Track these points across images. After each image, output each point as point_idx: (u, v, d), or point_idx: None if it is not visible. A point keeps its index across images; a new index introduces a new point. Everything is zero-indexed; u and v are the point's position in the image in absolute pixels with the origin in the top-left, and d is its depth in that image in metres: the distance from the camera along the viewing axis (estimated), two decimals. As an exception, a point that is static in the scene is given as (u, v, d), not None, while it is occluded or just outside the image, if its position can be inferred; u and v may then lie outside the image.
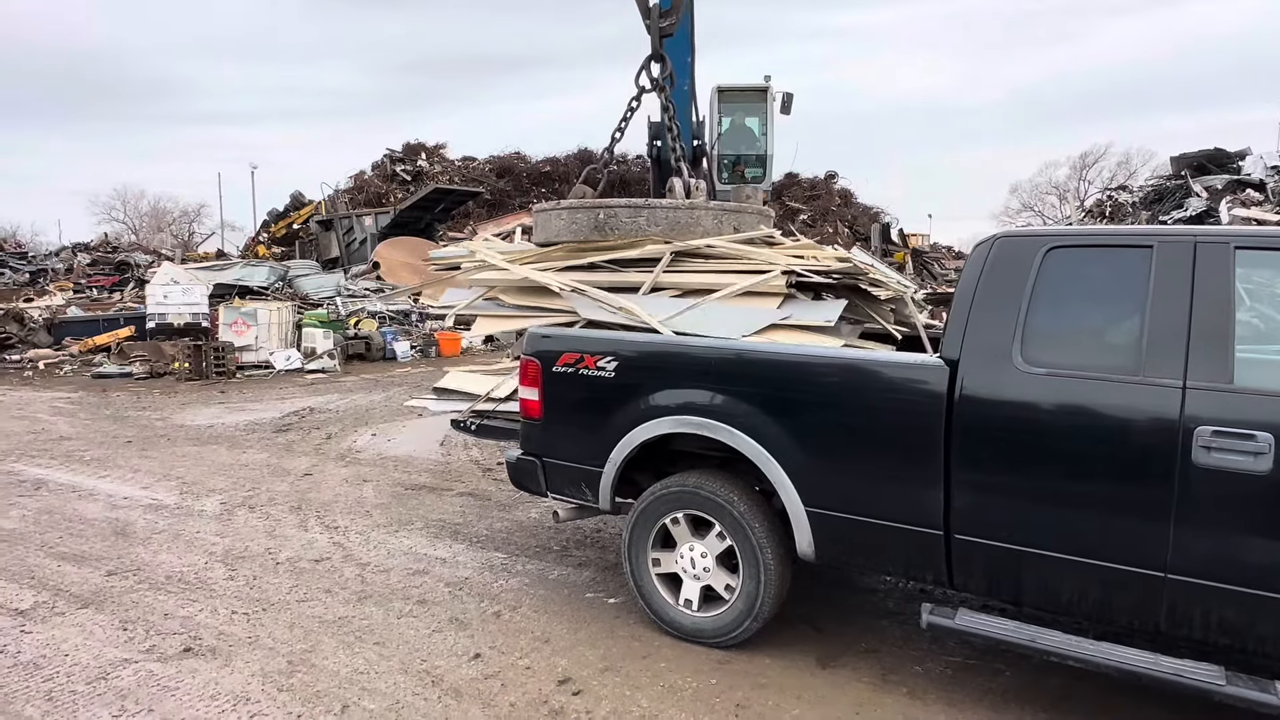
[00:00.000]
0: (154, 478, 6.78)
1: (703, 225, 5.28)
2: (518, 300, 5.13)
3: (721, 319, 4.24)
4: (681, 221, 5.24)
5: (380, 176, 30.93)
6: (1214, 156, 17.74)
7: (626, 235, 5.17)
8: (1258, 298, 3.03)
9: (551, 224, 5.59)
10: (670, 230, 5.20)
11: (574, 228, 5.40)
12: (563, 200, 5.61)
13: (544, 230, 5.68)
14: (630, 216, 5.28)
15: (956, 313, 3.16)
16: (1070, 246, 3.02)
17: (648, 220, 5.25)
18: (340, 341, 14.38)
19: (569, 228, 5.45)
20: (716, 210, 5.41)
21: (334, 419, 9.46)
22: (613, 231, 5.23)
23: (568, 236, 5.41)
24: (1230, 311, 2.70)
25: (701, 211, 5.34)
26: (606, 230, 5.27)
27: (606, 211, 5.35)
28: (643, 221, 5.25)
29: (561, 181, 32.38)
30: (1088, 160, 46.58)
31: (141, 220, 55.02)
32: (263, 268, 18.19)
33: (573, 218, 5.45)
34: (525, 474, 4.18)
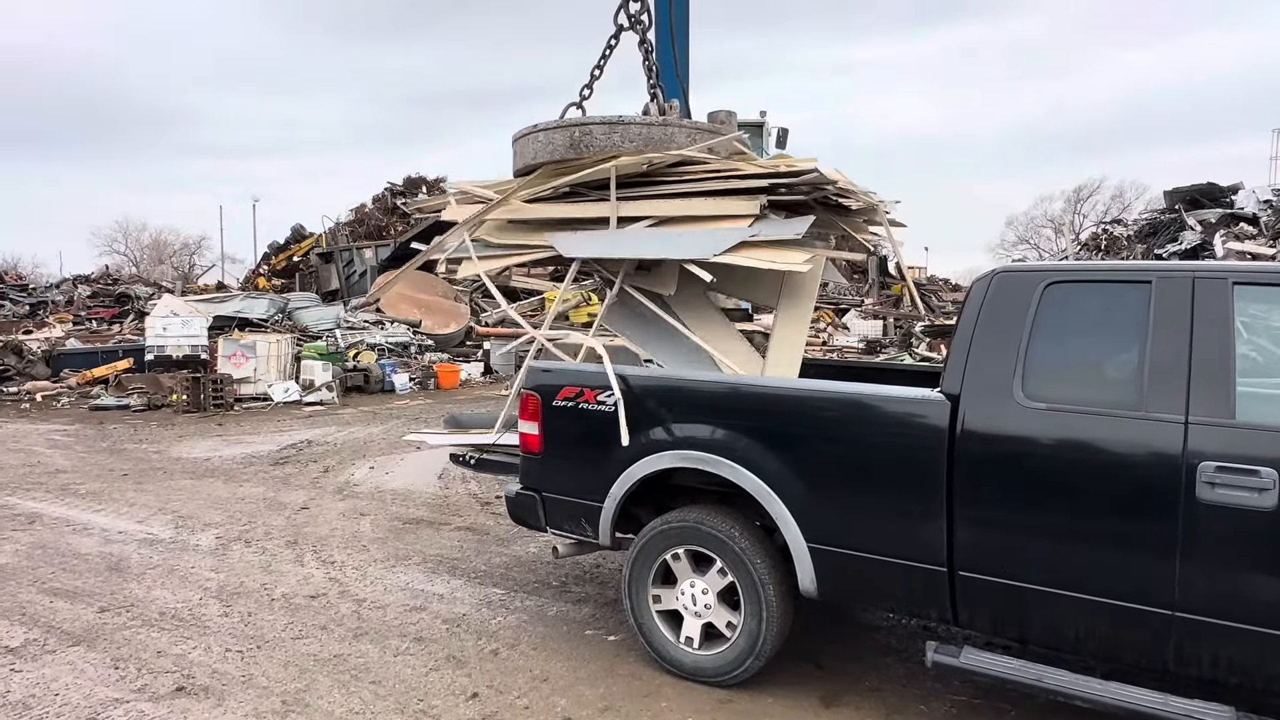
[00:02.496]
0: (149, 511, 6.72)
1: (676, 142, 5.31)
2: (503, 239, 5.20)
3: (693, 240, 4.25)
4: (656, 138, 5.26)
5: (381, 209, 31.18)
6: (1207, 191, 17.93)
7: (602, 152, 5.19)
8: (1255, 331, 3.04)
9: (529, 147, 5.60)
10: (645, 146, 5.21)
11: (550, 148, 5.42)
12: (539, 123, 5.64)
13: (522, 156, 5.71)
14: (605, 134, 5.29)
15: (957, 347, 3.17)
16: (1069, 282, 3.03)
17: (622, 137, 5.26)
18: (339, 373, 14.37)
19: (546, 148, 5.46)
20: (690, 128, 5.46)
21: (331, 452, 9.42)
22: (588, 150, 5.25)
23: (545, 157, 5.44)
24: (1230, 346, 2.71)
25: (675, 128, 5.38)
26: (582, 149, 5.29)
27: (581, 130, 5.35)
28: (617, 138, 5.26)
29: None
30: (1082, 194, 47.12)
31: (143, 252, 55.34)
32: (262, 300, 18.24)
33: (549, 138, 5.45)
34: (524, 509, 4.15)
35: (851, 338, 21.91)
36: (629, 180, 5.04)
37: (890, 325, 23.76)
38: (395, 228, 28.77)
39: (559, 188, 5.18)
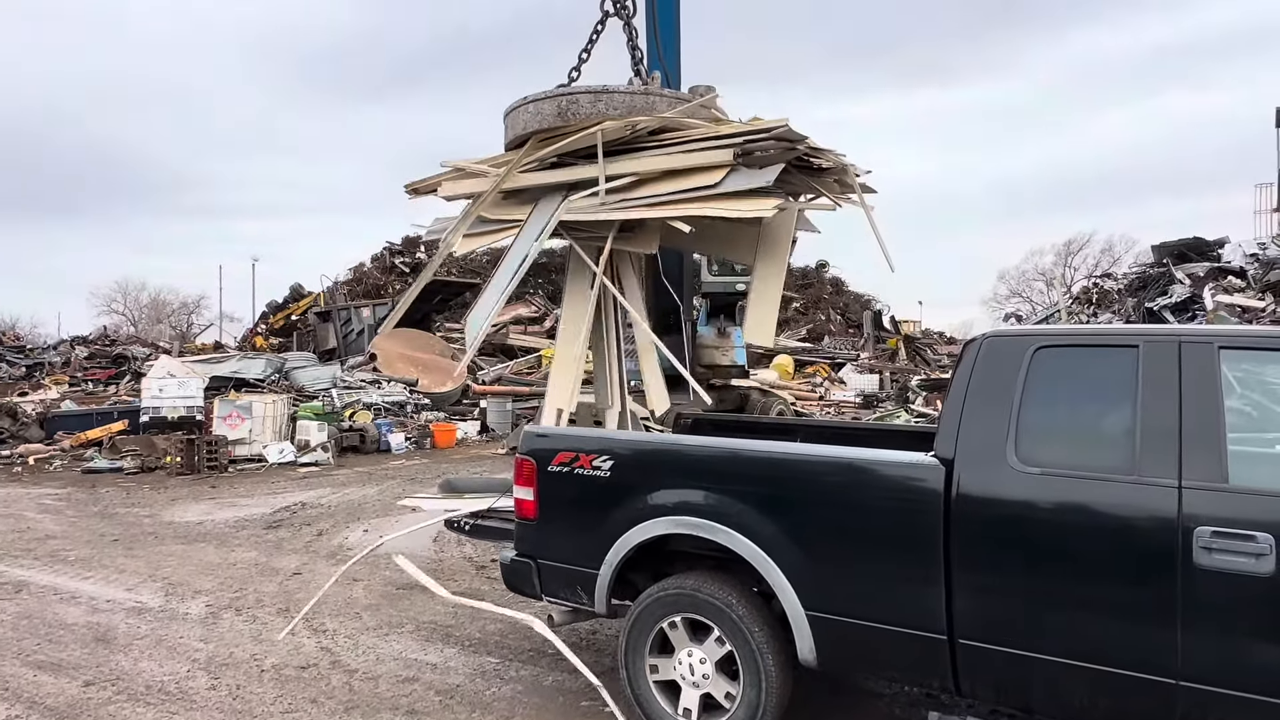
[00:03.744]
0: (139, 578, 6.62)
1: (658, 110, 5.54)
2: (499, 214, 5.42)
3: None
4: (639, 106, 5.51)
5: (379, 269, 31.51)
6: (1194, 245, 18.21)
7: (588, 120, 5.40)
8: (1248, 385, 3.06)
9: (519, 119, 5.82)
10: (629, 114, 5.43)
11: (540, 118, 5.65)
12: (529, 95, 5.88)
13: (512, 128, 5.92)
14: (591, 103, 5.57)
15: (949, 411, 3.18)
16: (1058, 346, 3.07)
17: (607, 105, 5.53)
18: (335, 434, 14.31)
19: (535, 118, 5.68)
20: (671, 96, 5.70)
21: (325, 514, 9.32)
22: (574, 118, 5.48)
23: (535, 127, 5.64)
24: (1220, 410, 2.73)
25: (656, 97, 5.64)
26: (569, 117, 5.51)
27: (569, 99, 5.62)
28: (603, 106, 5.53)
29: (558, 272, 33.01)
30: (1072, 247, 47.74)
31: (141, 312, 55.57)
32: (259, 360, 18.27)
33: (538, 109, 5.69)
34: (519, 576, 4.10)
35: (848, 392, 21.91)
36: (614, 148, 5.25)
37: (887, 379, 23.81)
38: (393, 286, 29.04)
39: (548, 155, 5.42)
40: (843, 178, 5.36)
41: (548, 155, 5.44)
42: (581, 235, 5.38)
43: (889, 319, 31.31)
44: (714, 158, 4.84)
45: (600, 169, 5.14)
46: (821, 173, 5.22)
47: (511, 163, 5.57)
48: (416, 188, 6.28)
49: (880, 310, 32.35)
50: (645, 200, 4.99)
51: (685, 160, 4.98)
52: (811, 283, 34.77)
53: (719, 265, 13.05)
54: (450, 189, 5.82)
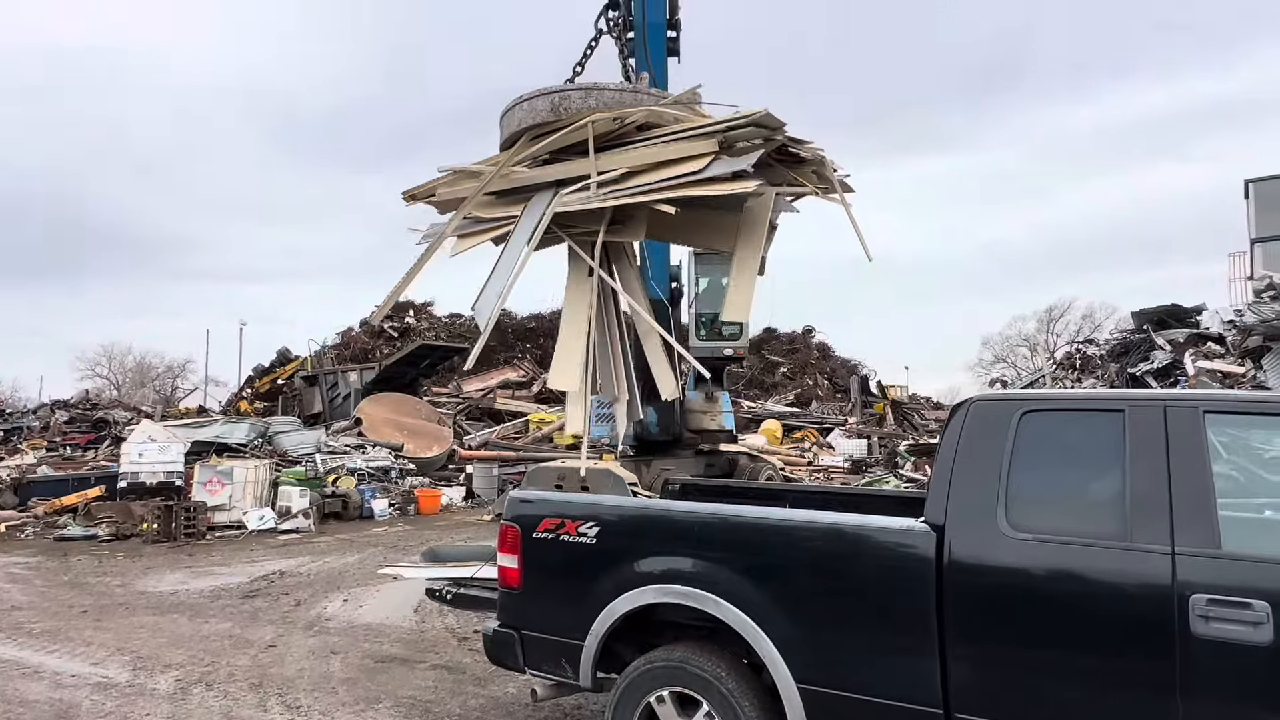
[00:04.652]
0: (107, 651, 6.37)
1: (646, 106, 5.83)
2: (493, 213, 5.65)
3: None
4: (627, 103, 5.83)
5: (368, 333, 31.49)
6: (1172, 311, 18.52)
7: (580, 115, 5.68)
8: (1234, 450, 3.06)
9: (514, 117, 6.11)
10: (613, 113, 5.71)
11: (534, 114, 5.93)
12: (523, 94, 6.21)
13: (507, 127, 6.20)
14: (582, 99, 5.87)
15: (939, 476, 3.16)
16: (1044, 410, 3.07)
17: (598, 101, 5.84)
18: (317, 500, 14.06)
19: (529, 115, 5.96)
20: (658, 95, 6.02)
21: (304, 583, 9.08)
22: (566, 113, 5.77)
23: (529, 123, 5.94)
24: (1209, 475, 2.72)
25: (644, 94, 5.96)
26: (561, 112, 5.81)
27: (561, 95, 5.93)
28: (593, 103, 5.82)
29: (546, 337, 33.11)
30: (1054, 314, 48.45)
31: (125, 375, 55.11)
32: (243, 425, 18.07)
33: (532, 105, 5.99)
34: (502, 648, 3.98)
35: (837, 457, 21.84)
36: (604, 144, 5.55)
37: (875, 444, 23.77)
38: (381, 351, 28.99)
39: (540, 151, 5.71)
40: (821, 170, 5.62)
41: (540, 151, 5.72)
42: (575, 231, 5.62)
43: (876, 384, 31.46)
44: (698, 147, 5.11)
45: (591, 162, 5.39)
46: (801, 163, 5.50)
47: (506, 158, 5.84)
48: (414, 193, 6.47)
49: (867, 375, 32.55)
50: (634, 189, 5.26)
51: (670, 151, 5.25)
52: (798, 348, 35.02)
53: (706, 330, 13.13)
54: (448, 192, 6.02)
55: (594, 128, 5.43)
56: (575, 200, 5.30)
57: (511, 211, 5.59)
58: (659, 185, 5.14)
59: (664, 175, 5.12)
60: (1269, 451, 3.20)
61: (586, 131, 5.42)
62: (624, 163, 5.34)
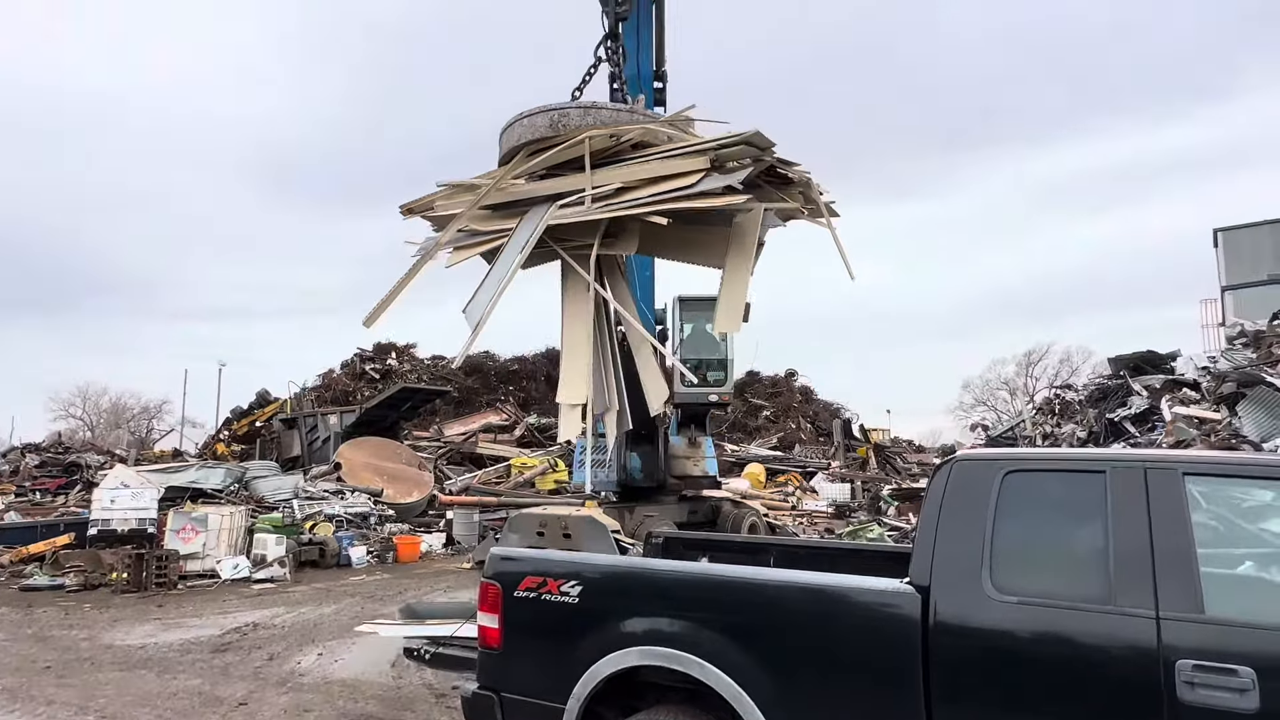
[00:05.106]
0: (70, 711, 6.15)
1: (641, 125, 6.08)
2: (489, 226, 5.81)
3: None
4: (623, 122, 6.09)
5: (349, 375, 31.24)
6: (1148, 357, 18.78)
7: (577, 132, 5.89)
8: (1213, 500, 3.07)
9: (514, 133, 6.33)
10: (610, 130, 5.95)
11: (533, 130, 6.15)
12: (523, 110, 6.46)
13: (507, 143, 6.40)
14: (580, 116, 6.12)
15: (923, 535, 3.15)
16: (1027, 470, 3.08)
17: (595, 119, 6.08)
18: (293, 547, 13.78)
19: (529, 130, 6.19)
20: (652, 117, 6.31)
21: (278, 636, 8.84)
22: (564, 129, 5.99)
23: (528, 138, 6.14)
24: (1190, 537, 2.72)
25: (640, 115, 6.23)
26: (559, 129, 6.02)
27: (559, 112, 6.17)
28: (590, 120, 6.06)
29: (529, 379, 32.97)
30: (1032, 358, 49.10)
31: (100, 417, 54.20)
32: (219, 470, 17.76)
33: (531, 121, 6.22)
34: (481, 710, 3.87)
35: (820, 502, 21.77)
36: (599, 160, 5.74)
37: (858, 488, 23.73)
38: (362, 393, 28.73)
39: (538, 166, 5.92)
40: (808, 192, 5.83)
41: (537, 165, 5.92)
42: (570, 245, 5.78)
43: (858, 427, 31.52)
44: (690, 164, 5.35)
45: (587, 177, 5.59)
46: (789, 184, 5.72)
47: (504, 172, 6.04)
48: (411, 207, 6.59)
49: (849, 418, 32.62)
50: (627, 203, 5.45)
51: (663, 167, 5.48)
52: (781, 391, 35.12)
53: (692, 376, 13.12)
54: (445, 205, 6.19)
55: (590, 144, 5.65)
56: (570, 213, 5.49)
57: (507, 225, 5.77)
58: (652, 199, 5.35)
59: (657, 190, 5.33)
60: (1246, 501, 3.22)
61: (583, 147, 5.65)
62: (618, 178, 5.56)
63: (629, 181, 5.49)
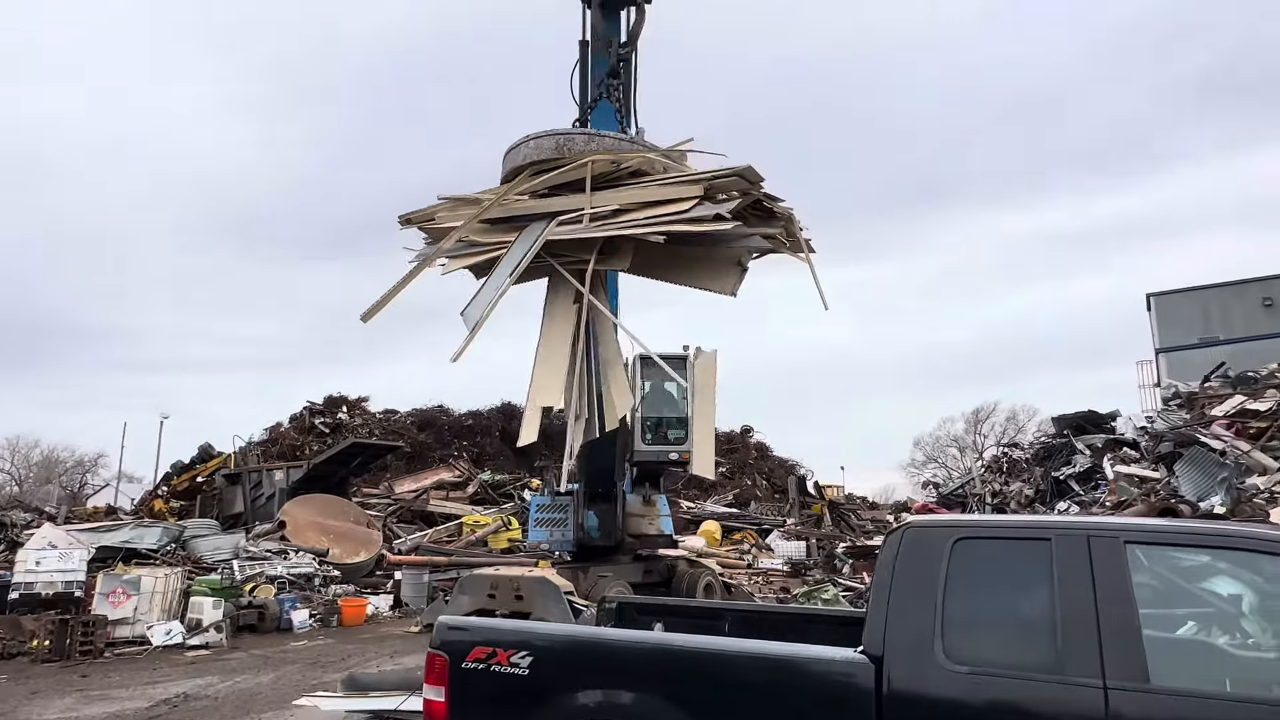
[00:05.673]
0: (-24, 797, 5.71)
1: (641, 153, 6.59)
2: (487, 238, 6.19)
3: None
4: (623, 150, 6.64)
5: (297, 429, 30.41)
6: (1089, 417, 19.39)
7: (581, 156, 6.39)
8: (1154, 560, 3.13)
9: (520, 152, 6.85)
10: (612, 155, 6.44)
11: (539, 151, 6.73)
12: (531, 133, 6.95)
13: (511, 162, 6.88)
14: (585, 142, 6.73)
15: (876, 604, 3.15)
16: (976, 538, 3.12)
17: (598, 145, 6.65)
18: (231, 611, 13.17)
19: (535, 151, 6.74)
20: (650, 146, 6.82)
21: (211, 708, 8.39)
22: (569, 153, 6.55)
23: (534, 158, 6.65)
24: (1133, 605, 2.78)
25: (640, 144, 6.84)
26: (564, 152, 6.59)
27: (566, 137, 6.81)
28: (594, 146, 6.63)
29: (483, 435, 32.48)
30: (980, 415, 50.23)
31: (30, 470, 51.74)
32: (155, 529, 17.00)
33: (538, 144, 6.80)
34: (425, 790, 3.70)
35: (776, 560, 21.67)
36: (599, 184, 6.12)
37: (813, 546, 23.71)
38: (311, 448, 27.98)
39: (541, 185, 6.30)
40: (790, 227, 6.33)
41: (541, 184, 6.40)
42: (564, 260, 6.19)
43: (813, 484, 31.64)
44: (684, 191, 5.85)
45: (587, 197, 6.03)
46: (772, 218, 6.21)
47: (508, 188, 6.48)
48: (410, 218, 6.99)
49: (804, 475, 32.76)
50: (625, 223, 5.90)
51: (660, 193, 5.97)
52: (737, 448, 35.20)
53: (652, 435, 13.05)
54: (448, 217, 6.63)
55: (592, 167, 6.10)
56: (570, 229, 5.86)
57: (505, 238, 6.16)
58: (648, 221, 5.76)
59: (653, 213, 5.74)
60: (1185, 562, 3.30)
61: (585, 170, 6.09)
62: (617, 200, 6.01)
63: (627, 204, 5.95)
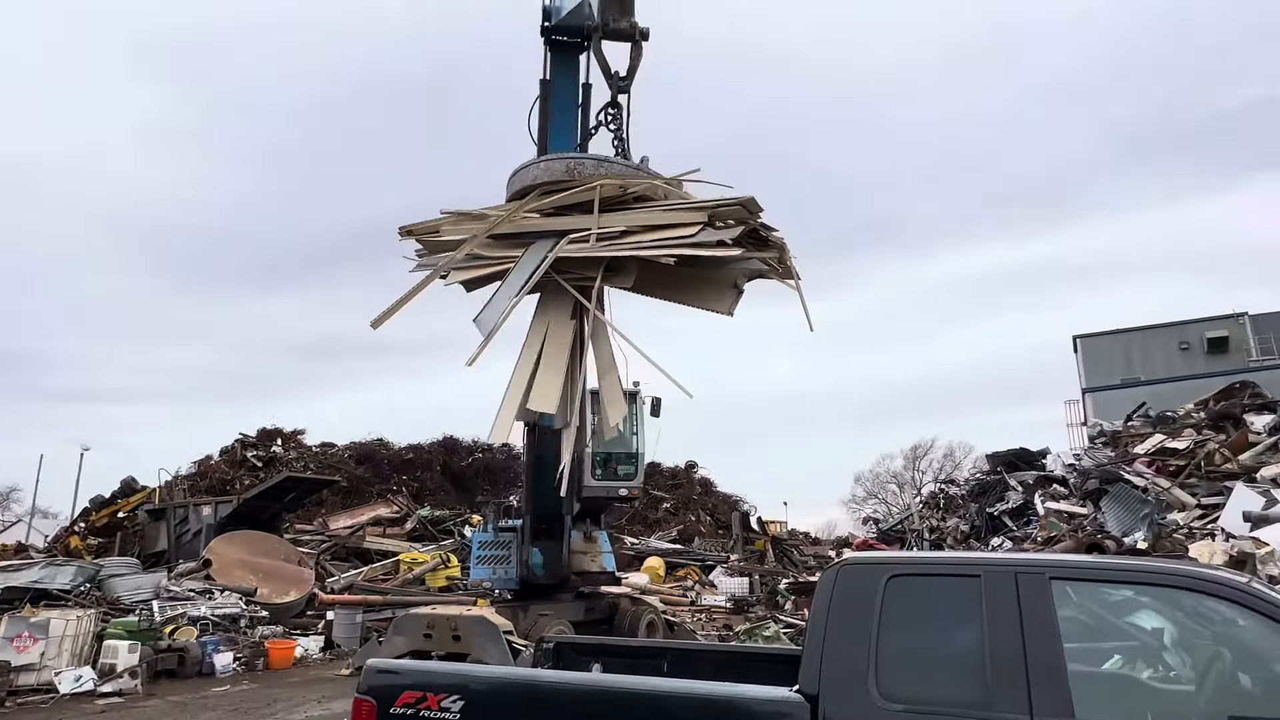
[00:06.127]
0: None
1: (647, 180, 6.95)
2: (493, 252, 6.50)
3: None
4: (630, 174, 6.98)
5: (228, 462, 29.30)
6: (1021, 455, 20.01)
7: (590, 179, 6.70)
8: (1083, 594, 3.20)
9: (530, 173, 7.11)
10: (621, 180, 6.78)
11: (549, 173, 6.97)
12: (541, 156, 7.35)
13: (520, 182, 7.13)
14: (594, 167, 7.05)
15: (811, 642, 3.15)
16: (909, 575, 3.15)
17: (607, 171, 6.99)
18: (149, 655, 12.48)
19: (545, 173, 6.99)
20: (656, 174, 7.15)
21: (121, 760, 7.89)
22: (579, 176, 6.81)
23: (544, 179, 6.90)
24: (1059, 641, 2.83)
25: (645, 171, 7.15)
26: (574, 175, 6.84)
27: (576, 161, 7.12)
28: (603, 171, 6.96)
29: (424, 469, 31.80)
30: (919, 452, 51.35)
31: (-68, 506, 48.57)
32: (68, 568, 16.06)
33: (549, 166, 7.08)
34: (346, 845, 3.53)
35: (719, 596, 21.61)
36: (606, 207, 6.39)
37: (756, 582, 23.73)
38: (242, 482, 26.98)
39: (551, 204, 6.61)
40: (782, 255, 6.71)
41: (550, 204, 6.66)
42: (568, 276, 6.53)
43: (756, 520, 31.80)
44: (689, 217, 6.18)
45: (594, 218, 6.33)
46: (766, 245, 6.58)
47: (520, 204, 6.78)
48: (411, 229, 7.19)
49: (748, 511, 32.92)
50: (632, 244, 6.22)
51: (666, 217, 6.31)
52: (681, 483, 35.22)
53: (602, 470, 12.89)
54: (453, 230, 6.92)
55: (601, 191, 6.43)
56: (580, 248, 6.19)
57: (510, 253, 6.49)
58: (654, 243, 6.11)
59: (658, 236, 6.11)
60: (1112, 596, 3.39)
61: (594, 193, 6.41)
62: (624, 222, 6.32)
63: (634, 226, 6.29)
